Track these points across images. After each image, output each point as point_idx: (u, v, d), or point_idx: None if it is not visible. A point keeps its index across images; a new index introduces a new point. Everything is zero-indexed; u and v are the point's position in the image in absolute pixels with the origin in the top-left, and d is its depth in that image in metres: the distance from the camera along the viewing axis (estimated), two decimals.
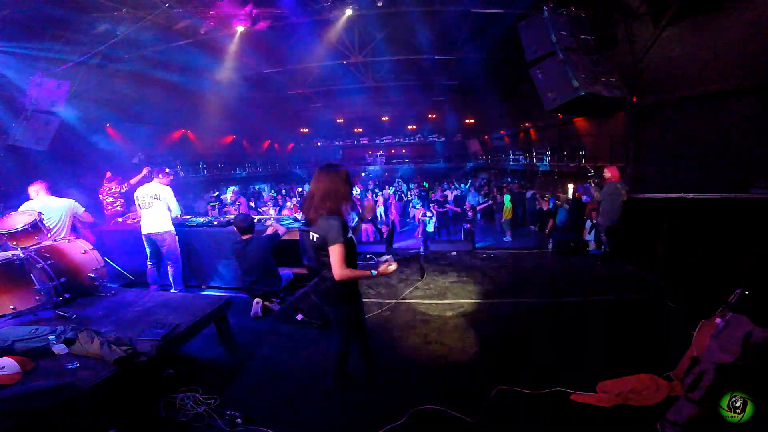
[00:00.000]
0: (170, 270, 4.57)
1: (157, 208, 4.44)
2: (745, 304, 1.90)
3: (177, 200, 4.65)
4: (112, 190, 5.91)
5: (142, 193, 4.50)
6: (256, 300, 3.99)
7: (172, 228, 4.52)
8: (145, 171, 5.64)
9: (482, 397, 2.58)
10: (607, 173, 5.41)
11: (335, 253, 2.20)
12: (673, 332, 3.37)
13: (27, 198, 4.14)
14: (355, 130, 27.83)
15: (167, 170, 4.80)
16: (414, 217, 11.72)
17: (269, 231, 4.34)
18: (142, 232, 4.50)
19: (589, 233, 6.96)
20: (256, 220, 5.31)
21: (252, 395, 2.70)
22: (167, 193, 4.53)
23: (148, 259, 4.58)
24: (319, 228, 2.28)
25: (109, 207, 5.89)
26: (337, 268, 2.20)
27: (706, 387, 1.89)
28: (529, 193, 13.34)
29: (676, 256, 4.72)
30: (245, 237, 4.10)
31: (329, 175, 2.32)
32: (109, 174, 6.04)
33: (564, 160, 13.67)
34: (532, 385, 2.68)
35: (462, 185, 15.96)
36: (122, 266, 5.00)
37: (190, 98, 14.84)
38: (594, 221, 6.91)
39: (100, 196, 5.96)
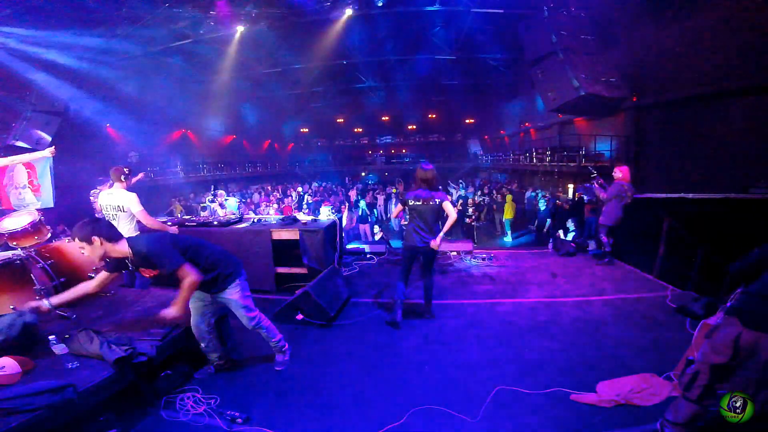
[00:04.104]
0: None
1: (122, 219, 3.83)
2: (735, 306, 1.93)
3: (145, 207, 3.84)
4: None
5: (104, 203, 3.89)
6: None
7: None
8: (140, 175, 4.95)
9: (482, 397, 2.58)
10: (618, 173, 5.30)
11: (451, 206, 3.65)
12: (673, 332, 3.37)
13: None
14: (355, 130, 27.84)
15: (125, 170, 3.96)
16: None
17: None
18: None
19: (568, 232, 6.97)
20: (255, 220, 5.33)
21: (252, 395, 2.70)
22: (132, 202, 3.83)
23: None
24: (436, 196, 3.59)
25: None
26: (455, 214, 3.60)
27: (702, 386, 1.91)
28: (529, 193, 13.37)
29: (676, 256, 4.72)
30: None
31: (432, 169, 3.67)
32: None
33: (564, 160, 13.67)
34: (532, 385, 2.69)
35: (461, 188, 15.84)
36: None
37: (191, 98, 14.86)
38: (573, 229, 6.94)
39: (91, 198, 5.28)
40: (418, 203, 3.60)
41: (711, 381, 1.90)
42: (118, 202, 3.84)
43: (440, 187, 3.76)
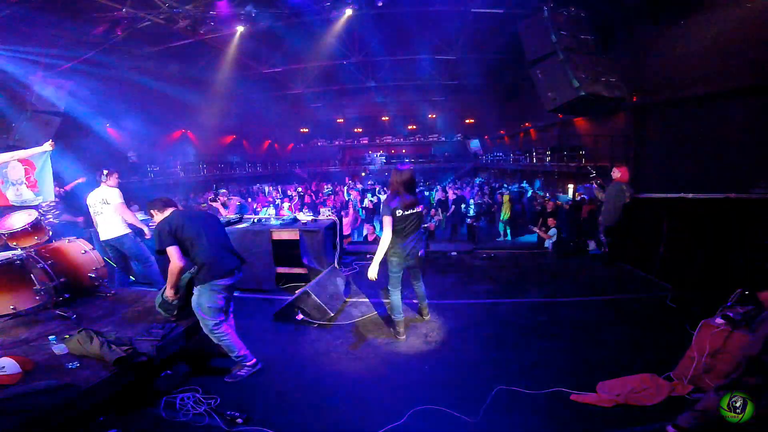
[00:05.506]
0: (144, 271, 4.40)
1: (107, 212, 4.19)
2: None
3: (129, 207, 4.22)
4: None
5: (91, 200, 4.26)
6: None
7: (128, 230, 4.28)
8: (81, 179, 5.28)
9: (482, 397, 2.58)
10: (616, 173, 5.30)
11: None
12: (673, 332, 3.37)
13: None
14: (355, 130, 27.83)
15: (105, 171, 4.32)
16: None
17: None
18: (100, 239, 4.27)
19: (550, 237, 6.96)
20: (255, 220, 5.34)
21: (252, 395, 2.70)
22: (114, 197, 4.21)
23: (113, 262, 4.37)
24: (420, 202, 3.35)
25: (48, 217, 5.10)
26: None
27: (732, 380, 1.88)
28: (528, 193, 13.35)
29: (676, 256, 4.72)
30: None
31: (410, 169, 3.33)
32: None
33: (564, 160, 13.67)
34: (532, 385, 2.69)
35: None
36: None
37: (191, 98, 14.84)
38: (554, 227, 6.93)
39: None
40: (407, 213, 3.26)
41: (742, 374, 1.87)
42: (102, 196, 4.23)
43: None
